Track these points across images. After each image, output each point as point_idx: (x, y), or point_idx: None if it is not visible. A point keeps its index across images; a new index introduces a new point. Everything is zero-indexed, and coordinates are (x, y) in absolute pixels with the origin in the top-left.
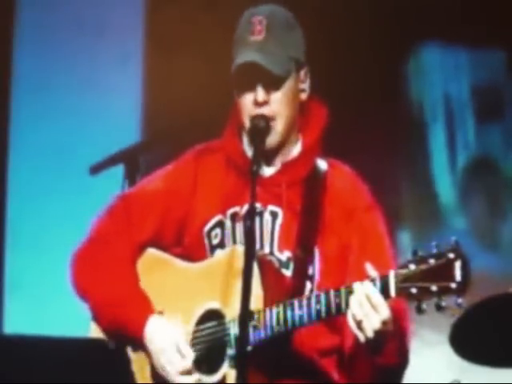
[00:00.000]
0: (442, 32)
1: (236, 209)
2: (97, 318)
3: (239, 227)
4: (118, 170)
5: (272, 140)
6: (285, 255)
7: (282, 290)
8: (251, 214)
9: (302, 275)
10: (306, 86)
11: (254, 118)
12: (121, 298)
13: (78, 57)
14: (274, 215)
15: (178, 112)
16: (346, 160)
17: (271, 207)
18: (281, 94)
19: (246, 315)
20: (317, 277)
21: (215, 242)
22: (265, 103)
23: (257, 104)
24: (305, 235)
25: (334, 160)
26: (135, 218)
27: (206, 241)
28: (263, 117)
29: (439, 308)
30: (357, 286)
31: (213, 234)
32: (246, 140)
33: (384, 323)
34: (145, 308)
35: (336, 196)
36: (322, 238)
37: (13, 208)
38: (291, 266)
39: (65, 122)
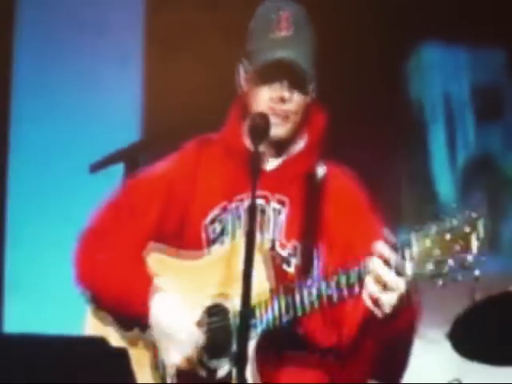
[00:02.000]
0: (442, 31)
1: (237, 203)
2: (100, 304)
3: (239, 222)
4: (118, 169)
5: (280, 134)
6: (289, 247)
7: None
8: (252, 210)
9: (305, 268)
10: (312, 87)
11: (255, 118)
12: (125, 278)
13: (78, 56)
14: (280, 203)
15: (177, 111)
16: (345, 159)
17: (278, 196)
18: (303, 95)
19: (246, 313)
20: (320, 271)
21: (214, 235)
22: (287, 100)
23: (280, 101)
24: (307, 231)
25: (334, 164)
26: (138, 207)
27: (205, 234)
28: (263, 116)
29: (455, 280)
30: (371, 265)
31: (212, 227)
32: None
33: (401, 298)
34: (149, 285)
35: (337, 195)
36: (325, 233)
37: (13, 208)
38: (295, 258)
39: (65, 121)
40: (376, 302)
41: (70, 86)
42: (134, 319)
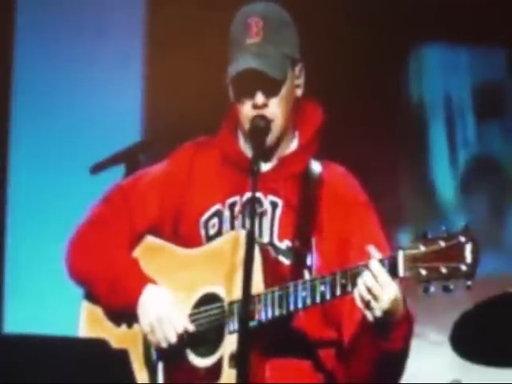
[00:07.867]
0: (443, 31)
1: (235, 198)
2: (94, 296)
3: (238, 217)
4: (119, 170)
5: (269, 139)
6: (284, 244)
7: (282, 278)
8: (252, 213)
9: (300, 264)
10: (300, 81)
11: (254, 119)
12: (117, 272)
13: (79, 57)
14: (273, 205)
15: (178, 112)
16: (345, 159)
17: (271, 197)
18: (280, 97)
19: (246, 314)
20: (315, 268)
21: (212, 232)
22: (264, 106)
23: (256, 107)
24: (303, 227)
25: (329, 161)
26: (134, 205)
27: (203, 231)
28: (263, 117)
29: (447, 290)
30: (366, 266)
31: (210, 224)
32: (242, 138)
33: (392, 303)
34: (141, 278)
35: (332, 193)
36: (320, 231)
37: (13, 208)
38: (290, 255)
39: (65, 122)
40: (367, 304)
41: (70, 86)
42: (123, 311)
